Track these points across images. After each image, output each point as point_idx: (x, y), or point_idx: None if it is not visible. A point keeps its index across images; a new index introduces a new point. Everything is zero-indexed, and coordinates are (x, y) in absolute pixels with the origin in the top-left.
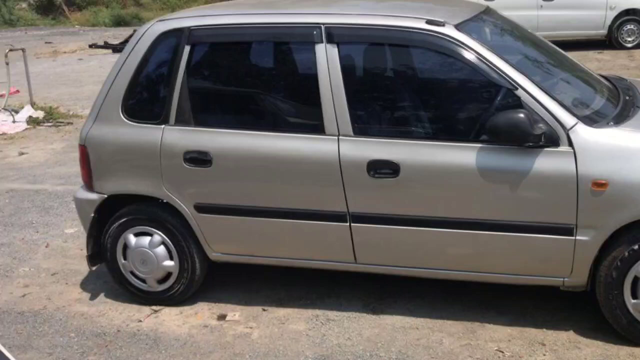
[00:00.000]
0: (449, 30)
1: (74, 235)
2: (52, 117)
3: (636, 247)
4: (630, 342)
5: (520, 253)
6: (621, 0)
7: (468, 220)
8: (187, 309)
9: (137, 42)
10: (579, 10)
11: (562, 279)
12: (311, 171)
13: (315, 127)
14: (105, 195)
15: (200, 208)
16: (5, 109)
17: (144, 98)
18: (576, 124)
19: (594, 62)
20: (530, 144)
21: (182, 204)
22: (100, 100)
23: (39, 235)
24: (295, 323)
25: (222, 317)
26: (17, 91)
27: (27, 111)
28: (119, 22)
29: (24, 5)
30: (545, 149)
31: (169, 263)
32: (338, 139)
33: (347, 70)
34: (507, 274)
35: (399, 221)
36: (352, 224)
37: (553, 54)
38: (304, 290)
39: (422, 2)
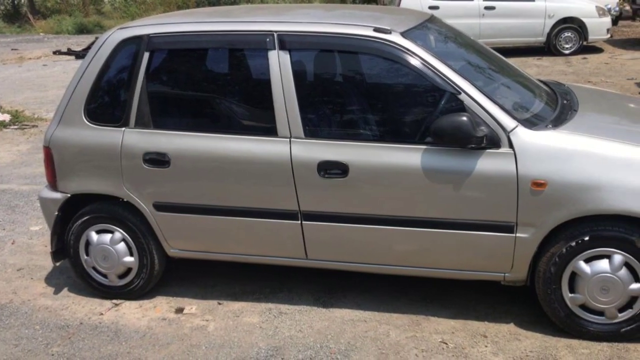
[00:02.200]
0: (395, 38)
1: (38, 233)
2: (18, 120)
3: (573, 243)
4: (568, 334)
5: (463, 250)
6: (559, 9)
7: (414, 219)
8: (146, 303)
9: (98, 49)
10: (519, 18)
11: (503, 274)
12: (264, 171)
13: (268, 129)
14: (69, 195)
15: (159, 207)
16: None
17: (105, 102)
18: (516, 126)
19: (534, 67)
20: (473, 145)
21: (141, 203)
22: (64, 104)
23: (5, 233)
24: (249, 316)
25: (179, 311)
26: None
27: None
28: (82, 30)
29: None
30: (487, 150)
31: (129, 259)
32: (290, 141)
33: (299, 76)
34: (450, 269)
35: (348, 219)
36: (303, 222)
37: (494, 60)
38: (257, 285)
39: (370, 11)
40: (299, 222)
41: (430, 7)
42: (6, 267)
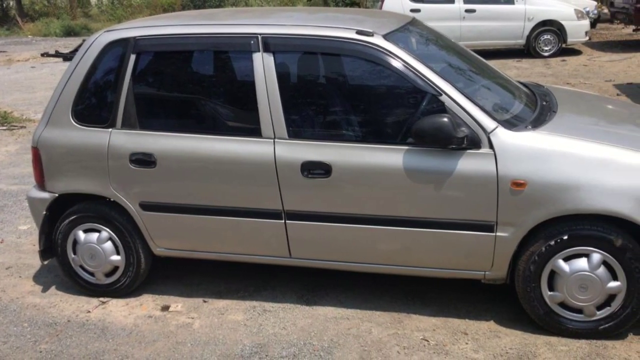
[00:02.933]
0: (378, 40)
1: (27, 232)
2: (6, 121)
3: (552, 242)
4: (547, 332)
5: (444, 248)
6: (538, 12)
7: (396, 218)
8: (132, 301)
9: (86, 51)
10: (499, 21)
11: (483, 273)
12: (249, 172)
13: (253, 130)
14: (56, 194)
15: (145, 206)
16: None
17: (92, 103)
18: (496, 127)
19: (513, 69)
20: (454, 146)
21: (128, 203)
22: (52, 105)
23: None
24: (233, 314)
25: (165, 308)
26: None
27: None
28: (69, 33)
29: None
30: (468, 151)
31: (115, 258)
32: (274, 141)
33: (282, 78)
34: (432, 267)
35: (331, 218)
36: (287, 221)
37: (475, 62)
38: (242, 283)
39: (353, 14)
40: (283, 221)
41: (412, 10)
42: None
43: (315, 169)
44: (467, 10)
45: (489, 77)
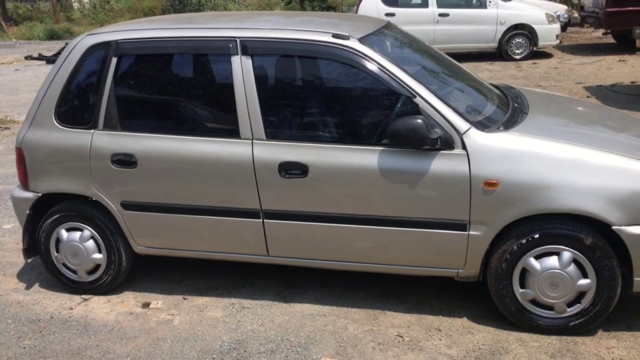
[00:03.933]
0: (353, 43)
1: (11, 231)
2: None
3: (524, 241)
4: (519, 328)
5: (418, 247)
6: (510, 16)
7: (371, 217)
8: (114, 298)
9: (68, 54)
10: (472, 25)
11: (456, 271)
12: (227, 172)
13: (231, 131)
14: (40, 194)
15: (126, 206)
16: None
17: (75, 105)
18: (469, 128)
19: (486, 72)
20: (427, 147)
21: (109, 202)
22: (35, 107)
23: None
24: (213, 311)
25: (146, 305)
26: None
27: None
28: (52, 36)
29: None
30: (441, 151)
31: (97, 256)
32: (252, 142)
33: (260, 80)
34: (406, 265)
35: (308, 217)
36: (265, 221)
37: (448, 65)
38: (221, 281)
39: (329, 18)
40: (261, 220)
41: (387, 14)
42: None
43: (293, 169)
44: (440, 15)
45: (462, 79)
